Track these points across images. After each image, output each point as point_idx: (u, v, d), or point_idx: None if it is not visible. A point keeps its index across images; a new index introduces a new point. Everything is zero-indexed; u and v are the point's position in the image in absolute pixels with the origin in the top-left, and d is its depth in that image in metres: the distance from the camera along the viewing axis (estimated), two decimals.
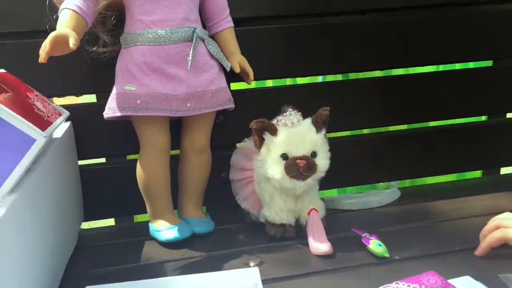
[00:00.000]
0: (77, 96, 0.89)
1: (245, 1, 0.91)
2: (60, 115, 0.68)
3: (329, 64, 0.97)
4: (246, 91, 0.95)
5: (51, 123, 0.59)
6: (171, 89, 0.76)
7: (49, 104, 0.69)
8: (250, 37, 0.92)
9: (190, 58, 0.75)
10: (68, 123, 0.81)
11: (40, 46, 0.67)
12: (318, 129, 0.75)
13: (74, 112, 0.84)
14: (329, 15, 0.97)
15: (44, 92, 0.83)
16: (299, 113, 0.76)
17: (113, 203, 0.90)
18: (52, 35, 0.66)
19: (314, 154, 0.74)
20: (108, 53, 0.82)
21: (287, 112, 0.75)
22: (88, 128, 0.86)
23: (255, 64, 0.86)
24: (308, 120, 0.76)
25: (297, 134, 0.73)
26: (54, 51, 0.67)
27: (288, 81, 1.08)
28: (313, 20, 0.96)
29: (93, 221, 0.97)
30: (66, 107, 0.82)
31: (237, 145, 0.92)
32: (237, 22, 0.89)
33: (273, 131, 0.74)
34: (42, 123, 0.56)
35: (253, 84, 0.96)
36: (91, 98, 0.91)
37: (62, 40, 0.67)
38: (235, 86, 0.93)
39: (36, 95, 0.66)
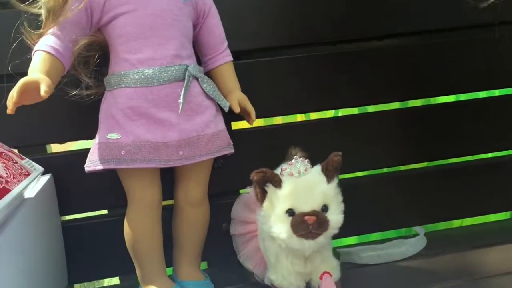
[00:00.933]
0: (60, 143, 0.80)
1: (245, 31, 0.82)
2: (28, 174, 0.60)
3: (342, 96, 0.87)
4: (249, 130, 0.86)
5: (9, 190, 0.51)
6: (160, 136, 0.67)
7: (15, 163, 0.60)
8: (251, 71, 0.83)
9: (181, 100, 0.66)
10: (47, 176, 0.72)
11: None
12: (329, 179, 0.64)
13: (55, 162, 0.76)
14: (342, 42, 0.88)
15: (20, 141, 0.76)
16: (307, 160, 0.66)
17: (101, 263, 0.80)
18: (20, 83, 0.58)
19: (325, 208, 0.63)
20: (93, 95, 0.73)
21: (293, 160, 0.65)
22: (71, 180, 0.78)
23: (258, 101, 0.77)
24: (318, 168, 0.65)
25: (304, 185, 0.63)
26: (23, 100, 0.59)
27: (298, 117, 0.98)
28: (324, 49, 0.87)
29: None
30: (45, 157, 0.74)
31: (241, 191, 0.83)
32: (237, 55, 0.81)
33: (277, 183, 0.64)
34: None
35: (261, 122, 0.87)
36: (77, 145, 0.82)
37: (32, 88, 0.58)
38: (236, 125, 0.85)
39: (0, 153, 0.57)
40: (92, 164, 0.67)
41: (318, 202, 0.63)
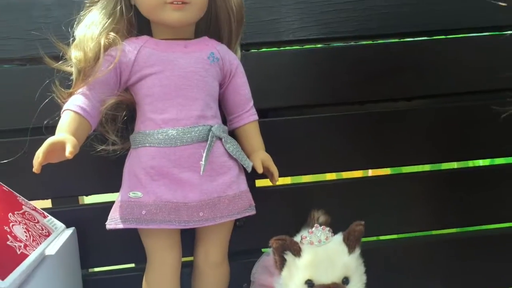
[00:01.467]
0: (86, 196, 0.81)
1: (271, 90, 0.82)
2: (49, 235, 0.60)
3: (370, 158, 0.85)
4: (273, 188, 0.84)
5: (27, 256, 0.51)
6: (181, 196, 0.67)
7: (37, 222, 0.61)
8: (278, 129, 0.82)
9: (202, 162, 0.66)
10: (70, 230, 0.73)
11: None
12: (350, 249, 0.62)
13: (81, 215, 0.77)
14: (371, 102, 0.87)
15: (45, 194, 0.77)
16: (328, 228, 0.64)
17: None
18: (47, 143, 0.59)
19: (346, 281, 0.61)
20: (119, 151, 0.74)
21: (314, 228, 0.64)
22: (98, 233, 0.78)
23: (283, 160, 0.76)
24: (339, 238, 0.63)
25: (325, 255, 0.61)
26: (49, 159, 0.60)
27: (326, 176, 0.96)
28: (352, 108, 0.86)
29: None
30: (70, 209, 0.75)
31: (263, 250, 0.81)
32: (263, 113, 0.81)
33: (296, 251, 0.62)
34: (8, 263, 0.47)
35: (287, 180, 0.86)
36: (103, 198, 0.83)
37: (58, 148, 0.60)
38: (260, 182, 0.84)
39: (23, 213, 0.58)
40: (113, 222, 0.67)
41: (339, 274, 0.60)
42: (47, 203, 0.83)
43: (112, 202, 0.72)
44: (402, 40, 0.86)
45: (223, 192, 0.69)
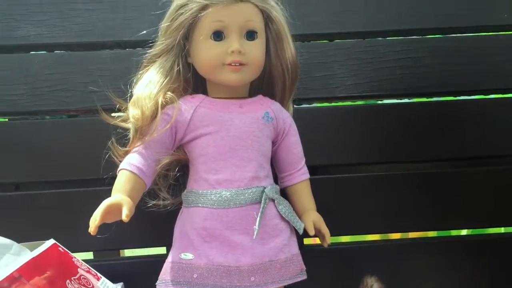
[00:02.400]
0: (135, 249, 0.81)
1: (322, 147, 0.81)
2: None
3: (422, 219, 0.83)
4: (322, 248, 0.82)
5: None
6: (233, 259, 0.65)
7: (91, 287, 0.60)
8: (327, 187, 0.81)
9: (256, 227, 0.65)
10: (119, 286, 0.72)
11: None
12: None
13: (121, 268, 0.77)
14: (420, 162, 0.84)
15: (95, 246, 0.77)
16: None
17: None
18: (104, 205, 0.59)
19: None
20: (169, 206, 0.74)
21: None
22: (145, 286, 0.77)
23: (333, 219, 0.74)
24: None
25: None
26: (105, 220, 0.60)
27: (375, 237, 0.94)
28: (404, 167, 0.84)
29: None
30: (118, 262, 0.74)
31: None
32: (313, 169, 0.79)
33: None
34: None
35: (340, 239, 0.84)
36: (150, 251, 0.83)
37: (114, 210, 0.60)
38: (308, 240, 0.82)
39: (79, 278, 0.58)
40: (164, 284, 0.66)
41: None
42: (89, 255, 0.83)
43: (153, 256, 0.72)
44: (456, 98, 0.85)
45: (275, 256, 0.67)
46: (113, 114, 0.75)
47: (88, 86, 0.78)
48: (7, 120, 0.81)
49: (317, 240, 0.78)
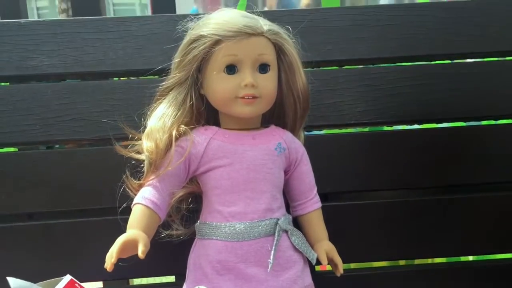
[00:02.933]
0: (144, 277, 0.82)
1: (332, 174, 0.82)
2: None
3: (433, 245, 0.83)
4: (334, 275, 0.83)
5: None
6: None
7: None
8: (338, 214, 0.81)
9: (270, 260, 0.65)
10: None
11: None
12: None
13: None
14: (433, 188, 0.85)
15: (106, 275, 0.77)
16: None
17: None
18: (120, 242, 0.60)
19: None
20: (182, 236, 0.74)
21: None
22: None
23: (345, 246, 0.75)
24: None
25: None
26: (122, 255, 0.60)
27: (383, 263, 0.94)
28: (415, 193, 0.84)
29: None
30: None
31: None
32: (324, 197, 0.80)
33: None
34: None
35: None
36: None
37: (130, 246, 0.60)
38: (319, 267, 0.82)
39: None
40: None
41: None
42: (99, 284, 0.84)
43: (162, 284, 0.72)
44: (466, 124, 0.85)
45: None
46: (125, 143, 0.76)
47: (100, 115, 0.79)
48: (17, 150, 0.82)
49: (327, 267, 0.79)
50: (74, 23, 0.80)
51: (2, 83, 0.80)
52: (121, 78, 0.82)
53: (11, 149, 0.83)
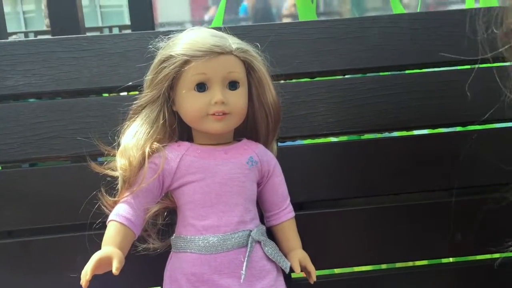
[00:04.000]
0: None
1: (307, 183, 0.84)
2: None
3: (408, 249, 0.86)
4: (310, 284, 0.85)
5: None
6: None
7: None
8: (312, 222, 0.83)
9: (243, 272, 0.67)
10: None
11: None
12: None
13: None
14: (406, 193, 0.87)
15: None
16: None
17: None
18: (94, 260, 0.61)
19: None
20: (159, 249, 0.76)
21: None
22: None
23: (318, 253, 0.77)
24: None
25: None
26: (97, 272, 0.62)
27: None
28: (388, 199, 0.87)
29: None
30: None
31: None
32: (298, 206, 0.82)
33: None
34: None
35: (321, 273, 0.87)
36: None
37: (105, 263, 0.62)
38: (296, 275, 0.84)
39: None
40: None
41: None
42: None
43: None
44: (435, 131, 0.88)
45: None
46: (101, 159, 0.77)
47: (76, 132, 0.80)
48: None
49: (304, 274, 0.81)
50: (49, 42, 0.81)
51: None
52: (96, 96, 0.83)
53: None
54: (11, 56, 0.80)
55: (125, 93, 0.82)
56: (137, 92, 0.78)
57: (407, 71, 0.88)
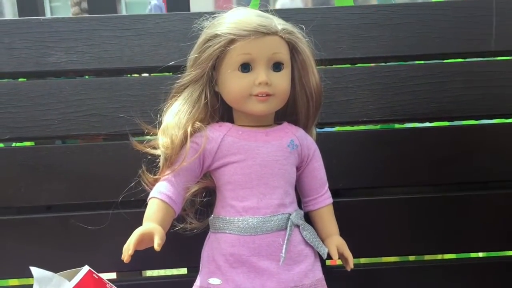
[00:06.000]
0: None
1: (344, 170, 0.83)
2: None
3: (442, 241, 0.84)
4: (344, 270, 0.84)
5: None
6: (259, 285, 0.67)
7: None
8: (349, 209, 0.83)
9: (282, 254, 0.67)
10: None
11: None
12: None
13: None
14: (444, 185, 0.86)
15: (118, 266, 0.79)
16: None
17: None
18: (136, 234, 0.62)
19: None
20: (195, 229, 0.76)
21: None
22: None
23: (356, 241, 0.76)
24: None
25: None
26: (138, 247, 0.62)
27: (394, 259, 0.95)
28: (425, 190, 0.85)
29: None
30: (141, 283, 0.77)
31: None
32: (335, 192, 0.81)
33: None
34: None
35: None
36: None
37: (147, 239, 0.62)
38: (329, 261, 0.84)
39: None
40: None
41: None
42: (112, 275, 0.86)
43: (174, 276, 0.74)
44: (478, 122, 0.86)
45: (300, 282, 0.69)
46: (141, 138, 0.78)
47: (116, 110, 0.81)
48: (33, 144, 0.85)
49: (338, 261, 0.81)
50: (92, 20, 0.82)
51: (21, 79, 0.83)
52: (136, 75, 0.84)
53: (29, 143, 0.85)
54: (55, 33, 0.81)
55: (166, 73, 0.82)
56: (172, 73, 0.78)
57: (449, 60, 0.86)
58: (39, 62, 0.81)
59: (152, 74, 0.84)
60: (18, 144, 0.84)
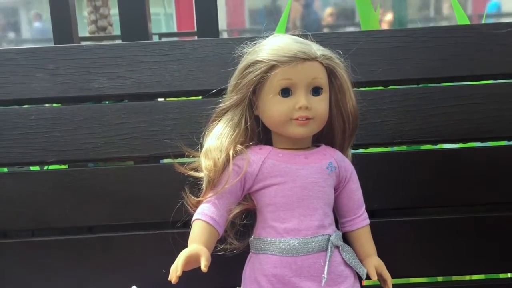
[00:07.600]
0: None
1: (379, 191, 0.84)
2: None
3: (480, 262, 0.85)
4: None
5: None
6: None
7: None
8: (385, 230, 0.84)
9: (324, 275, 0.68)
10: None
11: None
12: None
13: None
14: (480, 205, 0.86)
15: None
16: None
17: None
18: (184, 256, 0.63)
19: None
20: (235, 250, 0.78)
21: None
22: None
23: (393, 262, 0.77)
24: None
25: None
26: (185, 269, 0.64)
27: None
28: (461, 210, 0.86)
29: None
30: None
31: None
32: (370, 213, 0.82)
33: None
34: None
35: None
36: None
37: (194, 260, 0.64)
38: (367, 281, 0.85)
39: None
40: None
41: None
42: None
43: None
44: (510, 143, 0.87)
45: None
46: (181, 160, 0.80)
47: (157, 134, 0.83)
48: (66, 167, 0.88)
49: (376, 282, 0.81)
50: (133, 47, 0.85)
51: (66, 104, 0.86)
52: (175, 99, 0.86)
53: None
54: (97, 59, 0.84)
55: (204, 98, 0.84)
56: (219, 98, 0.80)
57: (480, 82, 0.87)
58: (82, 88, 0.84)
59: (189, 98, 0.86)
60: (63, 166, 0.87)
